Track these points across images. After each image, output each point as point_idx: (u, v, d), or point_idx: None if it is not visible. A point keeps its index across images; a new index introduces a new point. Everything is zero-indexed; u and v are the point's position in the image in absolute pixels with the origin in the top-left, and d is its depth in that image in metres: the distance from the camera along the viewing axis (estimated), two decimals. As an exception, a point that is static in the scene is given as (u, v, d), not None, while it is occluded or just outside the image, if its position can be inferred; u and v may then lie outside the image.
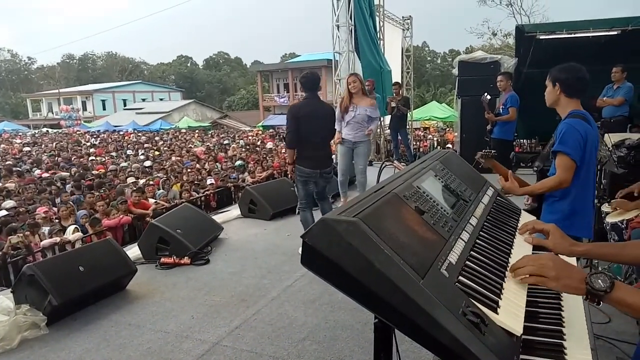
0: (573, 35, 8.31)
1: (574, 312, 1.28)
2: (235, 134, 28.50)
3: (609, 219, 3.53)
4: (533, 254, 1.33)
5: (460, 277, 1.15)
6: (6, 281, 5.41)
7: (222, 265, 4.64)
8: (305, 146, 4.52)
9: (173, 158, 15.65)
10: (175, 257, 4.63)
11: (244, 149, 18.15)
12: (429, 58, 59.60)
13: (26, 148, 21.48)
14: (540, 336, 1.16)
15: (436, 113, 26.31)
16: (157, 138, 25.48)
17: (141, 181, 10.81)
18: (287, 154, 4.80)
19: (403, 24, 14.06)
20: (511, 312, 1.11)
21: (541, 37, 8.48)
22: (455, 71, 8.99)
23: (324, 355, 2.90)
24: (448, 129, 23.56)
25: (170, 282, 4.25)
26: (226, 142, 21.65)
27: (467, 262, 1.25)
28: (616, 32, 8.06)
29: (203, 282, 4.21)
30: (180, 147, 19.43)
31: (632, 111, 7.10)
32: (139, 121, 37.70)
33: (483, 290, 1.14)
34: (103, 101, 49.14)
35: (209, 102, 52.58)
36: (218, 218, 6.10)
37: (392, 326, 1.11)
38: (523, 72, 8.89)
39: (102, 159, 16.62)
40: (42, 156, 17.89)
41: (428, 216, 1.32)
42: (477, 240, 1.43)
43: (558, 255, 1.52)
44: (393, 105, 9.76)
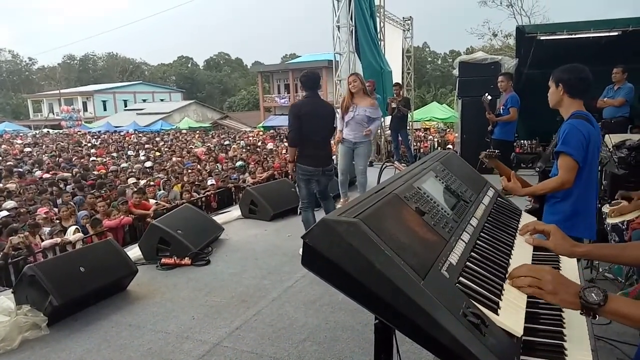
0: (574, 36, 8.31)
1: (575, 313, 1.28)
2: (235, 135, 28.52)
3: (610, 220, 3.53)
4: (533, 265, 1.33)
5: (460, 278, 1.15)
6: (7, 282, 5.42)
7: (223, 266, 4.64)
8: (306, 145, 4.53)
9: (174, 159, 15.67)
10: (175, 258, 4.62)
11: (245, 150, 18.16)
12: (430, 59, 59.61)
13: (27, 149, 21.51)
14: (540, 337, 1.16)
15: (437, 114, 26.31)
16: (158, 139, 25.52)
17: (142, 182, 10.83)
18: (289, 152, 4.81)
19: (403, 25, 14.06)
20: (511, 313, 1.11)
21: (542, 38, 8.48)
22: (455, 72, 9.00)
23: (325, 356, 2.90)
24: (448, 130, 23.56)
25: (170, 283, 4.25)
26: (227, 143, 21.67)
27: (468, 263, 1.25)
28: (617, 33, 8.06)
29: (204, 283, 4.21)
30: (181, 148, 19.45)
31: (633, 112, 7.09)
32: (140, 122, 37.73)
33: (483, 291, 1.14)
34: (104, 102, 49.19)
35: (210, 103, 52.62)
36: (219, 219, 6.09)
37: (393, 327, 1.12)
38: (524, 73, 8.89)
39: (103, 160, 16.64)
40: (43, 157, 17.91)
41: (429, 217, 1.32)
42: (478, 241, 1.43)
43: (559, 255, 1.52)
44: (393, 106, 9.76)
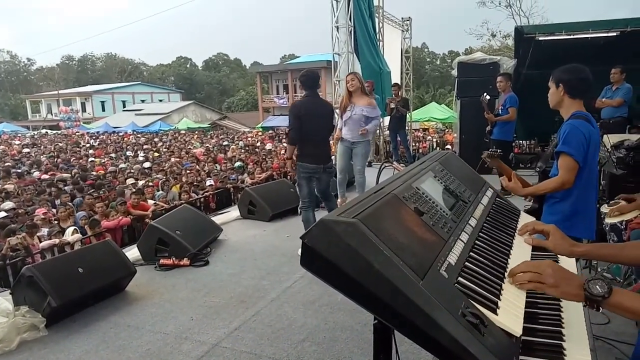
0: (572, 36, 8.32)
1: (574, 313, 1.28)
2: (234, 135, 28.52)
3: (608, 220, 3.53)
4: (532, 260, 1.33)
5: (459, 278, 1.15)
6: (5, 282, 5.40)
7: (222, 266, 4.64)
8: (307, 143, 4.58)
9: (172, 159, 15.65)
10: (174, 259, 4.62)
11: (244, 150, 18.16)
12: (428, 59, 59.68)
13: (25, 149, 21.47)
14: (539, 337, 1.16)
15: (435, 114, 26.33)
16: (157, 139, 25.49)
17: (140, 182, 10.81)
18: (287, 150, 4.89)
19: (402, 25, 14.08)
20: (510, 313, 1.11)
21: (540, 39, 8.49)
22: (454, 72, 9.00)
23: (324, 356, 2.89)
24: (447, 130, 23.58)
25: (169, 284, 4.25)
26: (225, 144, 21.66)
27: (467, 263, 1.25)
28: (615, 34, 8.08)
29: (202, 284, 4.20)
30: (179, 149, 19.44)
31: (631, 112, 7.11)
32: (138, 122, 37.72)
33: (482, 291, 1.14)
34: (102, 102, 49.16)
35: (208, 104, 52.61)
36: (217, 219, 6.09)
37: (392, 327, 1.12)
38: (522, 73, 8.90)
39: (102, 161, 16.62)
40: (41, 157, 17.89)
41: (427, 217, 1.32)
42: (477, 241, 1.43)
43: (557, 255, 1.53)
44: (392, 106, 9.76)
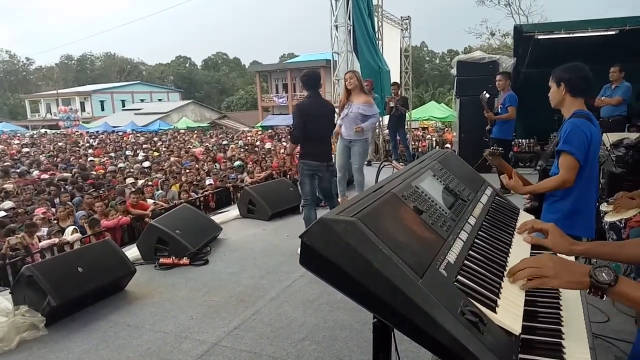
0: (571, 35, 8.32)
1: (573, 312, 1.28)
2: (234, 135, 28.50)
3: (608, 218, 3.53)
4: (530, 257, 1.33)
5: (458, 277, 1.15)
6: (5, 282, 5.40)
7: (221, 265, 4.64)
8: (310, 142, 4.64)
9: (172, 159, 15.65)
10: (174, 258, 4.62)
11: (243, 150, 18.16)
12: (428, 58, 59.66)
13: (25, 149, 21.45)
14: (539, 335, 1.16)
15: (435, 113, 26.34)
16: (156, 139, 25.47)
17: (140, 182, 10.81)
18: (289, 147, 5.01)
19: (401, 24, 14.07)
20: (510, 312, 1.11)
21: (539, 37, 8.49)
22: (453, 71, 8.99)
23: (323, 355, 2.90)
24: (447, 129, 23.60)
25: (169, 283, 4.25)
26: (225, 143, 21.65)
27: (466, 262, 1.25)
28: (614, 32, 8.08)
29: (202, 283, 4.20)
30: (179, 148, 19.43)
31: (630, 111, 7.12)
32: (138, 122, 37.67)
33: (482, 289, 1.14)
34: (101, 102, 49.10)
35: (208, 103, 52.55)
36: (217, 218, 6.09)
37: (391, 326, 1.12)
38: (521, 72, 8.90)
39: (101, 160, 16.61)
40: (41, 157, 17.87)
41: (426, 216, 1.32)
42: (476, 239, 1.43)
43: (557, 254, 1.53)
44: (392, 105, 9.75)
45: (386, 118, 10.84)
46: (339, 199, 5.87)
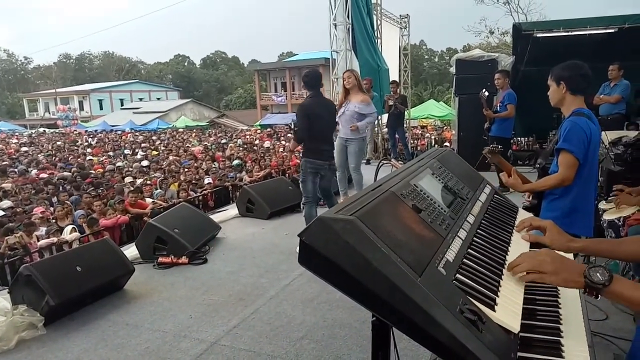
0: (570, 33, 8.32)
1: (572, 310, 1.28)
2: (232, 133, 28.48)
3: (606, 216, 3.54)
4: (530, 251, 1.33)
5: (457, 275, 1.15)
6: (3, 281, 5.40)
7: (220, 264, 4.64)
8: (314, 141, 4.67)
9: (170, 157, 15.63)
10: (173, 257, 4.61)
11: (242, 148, 18.16)
12: (427, 56, 59.65)
13: (23, 148, 21.40)
14: (537, 333, 1.16)
15: (434, 111, 26.37)
16: (155, 138, 25.44)
17: (139, 181, 10.80)
18: (292, 145, 5.09)
19: (400, 23, 14.07)
20: (509, 310, 1.11)
21: (538, 35, 8.49)
22: (452, 69, 8.99)
23: (322, 353, 2.90)
24: (445, 127, 23.63)
25: (168, 282, 4.24)
26: (224, 142, 21.63)
27: (465, 260, 1.25)
28: (613, 30, 8.09)
29: (201, 282, 4.20)
30: (177, 147, 19.42)
31: (629, 109, 7.13)
32: (136, 121, 37.61)
33: (480, 287, 1.14)
34: (100, 101, 49.01)
35: (207, 101, 52.49)
36: (216, 217, 6.08)
37: (390, 324, 1.11)
38: (520, 70, 8.91)
39: (100, 159, 16.59)
40: (39, 156, 17.84)
41: (425, 214, 1.31)
42: (475, 238, 1.43)
43: (555, 250, 1.53)
44: (390, 103, 9.75)
45: (385, 116, 10.84)
46: (341, 198, 5.87)
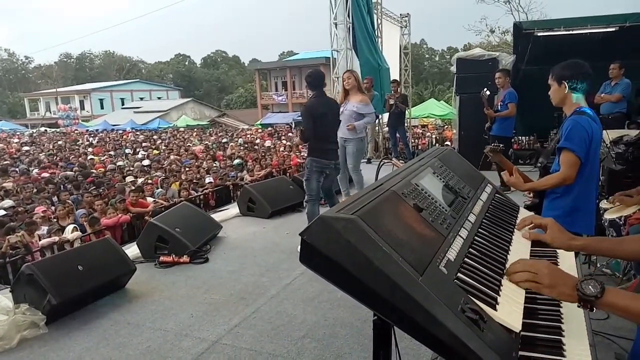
0: (571, 32, 8.32)
1: (573, 309, 1.28)
2: (233, 133, 28.48)
3: (607, 216, 3.54)
4: (529, 259, 1.33)
5: (458, 274, 1.15)
6: (5, 280, 5.40)
7: (221, 263, 4.64)
8: (320, 141, 4.69)
9: (171, 157, 15.63)
10: (174, 256, 4.62)
11: (243, 148, 18.15)
12: (427, 55, 59.58)
13: (25, 148, 21.42)
14: (539, 332, 1.16)
15: (434, 110, 26.35)
16: (156, 137, 25.46)
17: (140, 180, 10.81)
18: (297, 141, 5.06)
19: (401, 22, 14.05)
20: (510, 309, 1.11)
21: (539, 34, 8.48)
22: (453, 68, 8.99)
23: (323, 352, 2.90)
24: (446, 127, 23.61)
25: (169, 281, 4.25)
26: (225, 141, 21.63)
27: (466, 259, 1.25)
28: (614, 29, 8.07)
29: (202, 281, 4.21)
30: (178, 146, 19.42)
31: (630, 108, 7.12)
32: (137, 120, 37.64)
33: (482, 287, 1.14)
34: (101, 100, 49.03)
35: (207, 101, 52.51)
36: (217, 216, 6.09)
37: (391, 323, 1.11)
38: (521, 69, 8.89)
39: (101, 158, 16.60)
40: (40, 156, 17.86)
41: (426, 213, 1.31)
42: (476, 237, 1.43)
43: (556, 249, 1.52)
44: (391, 102, 9.75)
45: (386, 116, 10.84)
46: (342, 198, 5.88)
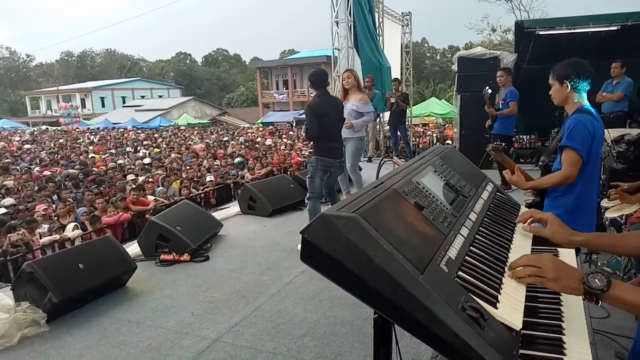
0: (572, 30, 8.30)
1: (573, 307, 1.28)
2: (234, 131, 28.47)
3: (608, 214, 3.54)
4: (532, 254, 1.33)
5: (459, 272, 1.15)
6: (6, 278, 5.41)
7: (222, 262, 4.64)
8: (325, 140, 4.70)
9: (172, 155, 15.63)
10: (174, 254, 4.62)
11: (244, 146, 18.15)
12: (429, 54, 59.49)
13: (26, 146, 21.43)
14: (539, 331, 1.16)
15: (435, 109, 26.33)
16: (157, 135, 25.46)
17: (140, 178, 10.82)
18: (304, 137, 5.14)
19: (402, 20, 14.03)
20: (511, 307, 1.11)
21: (540, 33, 8.47)
22: (454, 67, 8.97)
23: (324, 351, 2.90)
24: (447, 125, 23.58)
25: (170, 279, 4.25)
26: (225, 139, 21.63)
27: (467, 257, 1.25)
28: (616, 28, 8.06)
29: (203, 279, 4.21)
30: (179, 144, 19.42)
31: (632, 107, 7.10)
32: (138, 118, 37.67)
33: (482, 285, 1.14)
34: (102, 98, 49.04)
35: (208, 99, 52.51)
36: (217, 215, 6.09)
37: (392, 321, 1.11)
38: (522, 68, 8.88)
39: (102, 156, 16.60)
40: (42, 154, 17.87)
41: (427, 212, 1.31)
42: (477, 235, 1.43)
43: (557, 244, 1.52)
44: (392, 101, 9.74)
45: (387, 114, 10.82)
46: (343, 196, 5.88)
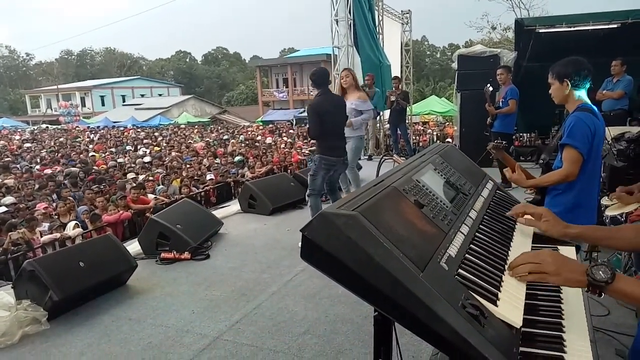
0: (572, 28, 8.30)
1: (574, 305, 1.28)
2: (234, 130, 28.46)
3: (609, 212, 3.53)
4: (531, 251, 1.33)
5: (459, 270, 1.15)
6: (7, 277, 5.42)
7: (222, 260, 4.65)
8: (328, 138, 4.70)
9: (173, 153, 15.63)
10: (175, 252, 4.63)
11: (244, 144, 18.15)
12: (428, 52, 59.45)
13: (26, 144, 21.42)
14: (539, 328, 1.16)
15: (436, 107, 26.30)
16: (157, 134, 25.45)
17: (141, 177, 10.82)
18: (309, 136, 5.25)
19: (402, 18, 14.01)
20: (511, 305, 1.11)
21: (540, 31, 8.46)
22: (454, 65, 8.97)
23: (324, 349, 2.91)
24: (447, 123, 23.55)
25: (170, 277, 4.26)
26: (225, 138, 21.62)
27: (467, 255, 1.25)
28: (616, 25, 8.05)
29: (203, 277, 4.21)
30: (179, 143, 19.41)
31: (632, 104, 7.10)
32: (138, 117, 37.65)
33: (483, 282, 1.14)
34: (102, 97, 49.00)
35: (208, 98, 52.49)
36: (218, 213, 6.10)
37: (392, 319, 1.12)
38: (522, 66, 8.87)
39: (102, 155, 16.60)
40: (42, 152, 17.87)
41: (427, 210, 1.32)
42: (477, 233, 1.43)
43: (553, 239, 1.52)
44: (392, 99, 9.74)
45: (387, 112, 10.82)
46: (343, 195, 5.89)
